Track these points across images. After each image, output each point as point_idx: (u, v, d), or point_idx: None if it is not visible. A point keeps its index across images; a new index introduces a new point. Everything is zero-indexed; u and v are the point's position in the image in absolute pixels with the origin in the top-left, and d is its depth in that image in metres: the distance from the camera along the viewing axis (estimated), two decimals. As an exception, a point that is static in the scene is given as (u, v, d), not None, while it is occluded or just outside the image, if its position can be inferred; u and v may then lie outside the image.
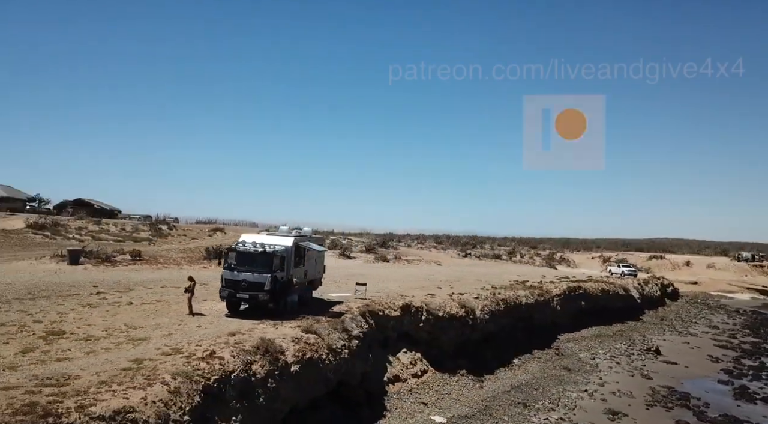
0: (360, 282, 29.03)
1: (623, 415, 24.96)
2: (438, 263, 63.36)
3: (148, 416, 10.79)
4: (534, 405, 25.17)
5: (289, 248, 22.42)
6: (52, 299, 21.88)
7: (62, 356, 14.23)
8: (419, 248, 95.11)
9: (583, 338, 42.10)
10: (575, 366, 33.49)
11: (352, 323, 21.90)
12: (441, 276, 44.87)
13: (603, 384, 30.20)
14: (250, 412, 14.78)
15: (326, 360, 18.29)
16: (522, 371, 30.89)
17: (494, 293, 34.66)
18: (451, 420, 21.51)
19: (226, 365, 14.50)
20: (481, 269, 60.66)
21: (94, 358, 14.20)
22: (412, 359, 26.35)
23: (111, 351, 15.01)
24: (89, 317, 18.96)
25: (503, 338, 33.93)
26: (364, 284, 28.67)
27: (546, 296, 41.35)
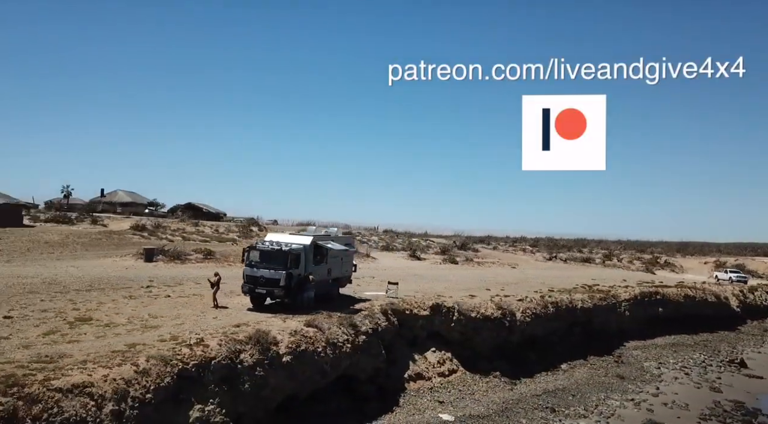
0: (392, 281, 29.52)
1: (663, 427, 23.45)
2: (513, 266, 62.01)
3: (105, 391, 12.17)
4: (564, 410, 24.33)
5: (307, 247, 23.48)
6: (105, 291, 24.54)
7: (75, 339, 16.15)
8: (505, 251, 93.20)
9: (655, 346, 39.57)
10: (632, 374, 31.72)
11: (365, 320, 22.49)
12: (502, 279, 44.04)
13: (657, 394, 28.41)
14: (233, 397, 15.90)
15: (322, 353, 19.05)
16: (566, 376, 29.79)
17: (542, 296, 33.60)
18: (460, 419, 21.42)
19: (209, 352, 15.72)
20: (558, 272, 58.51)
21: (100, 341, 16.00)
22: (440, 358, 26.41)
23: (119, 336, 16.78)
24: (122, 307, 21.15)
25: (552, 341, 32.88)
26: (396, 283, 29.10)
27: (611, 301, 39.33)
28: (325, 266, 24.88)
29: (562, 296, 35.01)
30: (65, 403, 11.37)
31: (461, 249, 77.69)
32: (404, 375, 24.24)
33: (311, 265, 23.71)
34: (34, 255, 38.75)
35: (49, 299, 21.84)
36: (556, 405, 24.84)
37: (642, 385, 29.97)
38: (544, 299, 33.13)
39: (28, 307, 20.01)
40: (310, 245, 23.67)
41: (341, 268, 26.44)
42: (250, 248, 24.07)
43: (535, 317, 30.98)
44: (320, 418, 19.51)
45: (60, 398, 11.39)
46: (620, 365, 33.67)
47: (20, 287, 23.95)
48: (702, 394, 29.66)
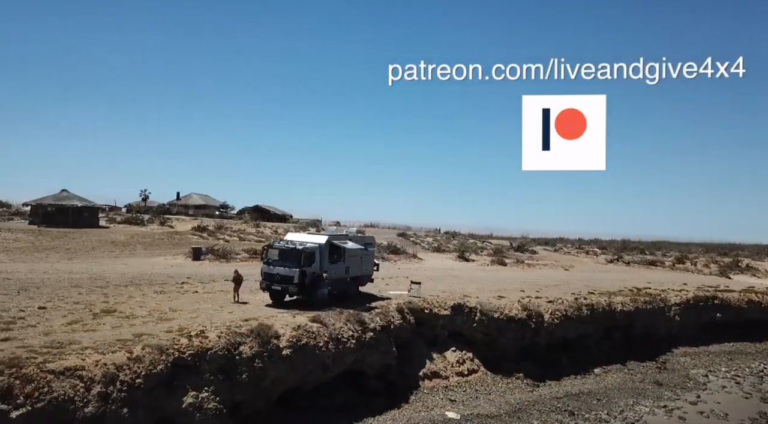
0: (415, 281, 29.77)
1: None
2: (566, 268, 60.37)
3: (95, 374, 13.31)
4: (584, 414, 23.77)
5: (322, 246, 24.22)
6: (141, 286, 26.32)
7: (92, 328, 17.60)
8: (567, 253, 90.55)
9: (707, 353, 37.54)
10: (673, 381, 30.38)
11: (375, 317, 22.93)
12: (545, 280, 43.10)
13: (696, 403, 27.12)
14: (230, 386, 16.82)
15: (324, 348, 19.66)
16: (597, 380, 28.98)
17: (576, 298, 32.72)
18: (466, 417, 21.42)
19: (207, 343, 16.71)
20: (615, 274, 56.37)
21: (114, 331, 17.35)
22: (460, 357, 26.42)
23: (133, 327, 18.10)
24: (148, 301, 22.67)
25: (587, 344, 32.01)
26: (419, 283, 29.33)
27: (658, 304, 37.66)
28: (343, 264, 25.53)
29: (600, 299, 33.93)
30: (55, 384, 12.57)
31: (517, 251, 76.31)
32: (419, 373, 24.48)
33: (327, 263, 24.43)
34: (96, 253, 41.88)
35: (87, 292, 23.74)
36: (576, 408, 24.28)
37: (681, 392, 28.65)
38: (578, 301, 32.25)
39: (65, 299, 21.87)
40: (325, 244, 24.40)
41: (360, 267, 26.99)
42: (267, 247, 25.12)
43: (565, 319, 30.27)
44: (325, 411, 20.13)
45: (52, 379, 12.61)
46: (662, 371, 32.27)
47: (67, 282, 26.13)
48: (748, 404, 28.02)
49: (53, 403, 12.29)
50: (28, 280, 26.23)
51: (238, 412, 17.30)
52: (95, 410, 12.87)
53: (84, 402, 12.79)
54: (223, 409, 16.12)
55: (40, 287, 24.53)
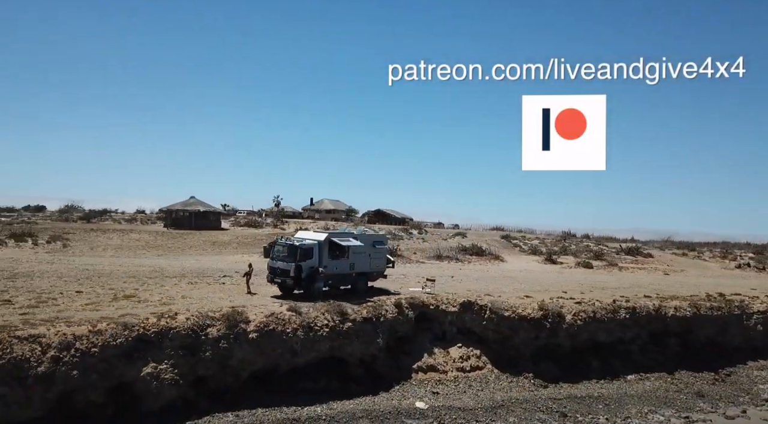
0: (430, 278, 30.39)
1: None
2: (666, 273, 55.82)
3: (52, 341, 16.48)
4: (578, 417, 22.97)
5: (321, 243, 26.05)
6: (182, 278, 30.10)
7: (98, 309, 21.10)
8: (696, 257, 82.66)
9: (797, 368, 33.10)
10: (722, 394, 27.72)
11: (363, 310, 24.23)
12: (616, 284, 40.80)
13: (735, 417, 24.80)
14: (194, 362, 19.36)
15: (292, 335, 21.45)
16: (623, 386, 27.39)
17: (614, 300, 30.92)
18: (435, 408, 21.89)
19: (172, 323, 19.39)
20: (725, 280, 51.14)
21: (112, 311, 20.73)
22: (464, 354, 26.68)
23: (134, 309, 21.37)
24: (170, 290, 26.10)
25: (628, 350, 30.18)
26: (433, 280, 29.94)
27: (733, 312, 34.05)
28: (347, 261, 27.12)
29: (647, 302, 31.68)
30: (17, 346, 15.88)
31: (628, 254, 71.73)
32: (414, 366, 25.25)
33: (327, 259, 26.23)
34: (189, 251, 47.69)
35: (132, 282, 27.89)
36: (572, 411, 23.47)
37: (724, 405, 26.14)
38: (615, 303, 30.50)
39: (107, 286, 26.10)
40: (324, 241, 26.22)
41: (369, 263, 28.32)
42: (272, 244, 27.52)
43: (592, 321, 28.90)
44: (304, 393, 21.86)
45: (15, 342, 15.95)
46: (717, 383, 29.40)
47: (127, 273, 30.76)
48: (806, 424, 24.78)
49: (11, 361, 15.57)
50: (102, 270, 31.30)
51: (205, 385, 19.73)
52: (46, 369, 16.01)
53: (38, 363, 15.96)
54: (180, 380, 18.61)
55: (102, 276, 29.28)
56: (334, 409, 20.83)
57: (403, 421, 20.69)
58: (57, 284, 25.96)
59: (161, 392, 18.20)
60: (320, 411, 20.49)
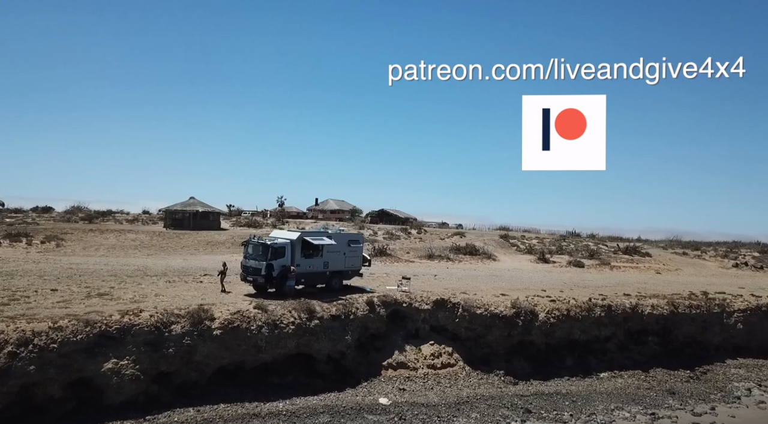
0: (406, 276, 30.71)
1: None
2: (659, 272, 55.74)
3: (10, 337, 17.02)
4: (541, 413, 23.21)
5: (293, 242, 26.47)
6: (162, 277, 30.60)
7: (67, 306, 21.59)
8: (697, 257, 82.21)
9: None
10: (694, 391, 27.83)
11: (332, 307, 24.61)
12: (601, 283, 40.89)
13: (702, 414, 24.90)
14: (156, 358, 19.83)
15: (256, 332, 21.86)
16: (595, 383, 27.58)
17: (590, 299, 31.06)
18: (398, 404, 22.21)
19: (135, 320, 19.87)
20: (717, 279, 51.05)
21: (81, 308, 21.23)
22: (436, 351, 26.97)
23: (104, 306, 21.86)
24: (146, 288, 26.59)
25: (606, 348, 30.37)
26: (409, 278, 30.27)
27: (712, 310, 34.09)
28: (320, 259, 27.52)
29: (623, 301, 31.80)
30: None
31: (625, 253, 71.60)
32: (384, 362, 25.58)
33: (300, 258, 26.63)
34: (182, 251, 48.30)
35: (111, 280, 28.45)
36: (537, 407, 23.71)
37: (694, 403, 26.25)
38: (591, 301, 30.65)
39: (81, 284, 26.65)
40: (296, 241, 26.63)
41: (344, 262, 28.68)
42: (245, 243, 27.99)
43: (566, 320, 29.08)
44: (271, 388, 22.32)
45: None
46: (692, 381, 29.51)
47: (110, 272, 31.35)
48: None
49: (-31, 356, 16.13)
50: (86, 270, 31.91)
51: (168, 380, 20.20)
52: (2, 365, 16.56)
53: (-5, 358, 16.52)
54: (142, 376, 19.09)
55: (84, 275, 29.87)
56: (296, 404, 21.21)
57: (364, 417, 21.02)
58: (35, 282, 26.55)
59: (122, 387, 18.68)
60: (282, 406, 20.88)
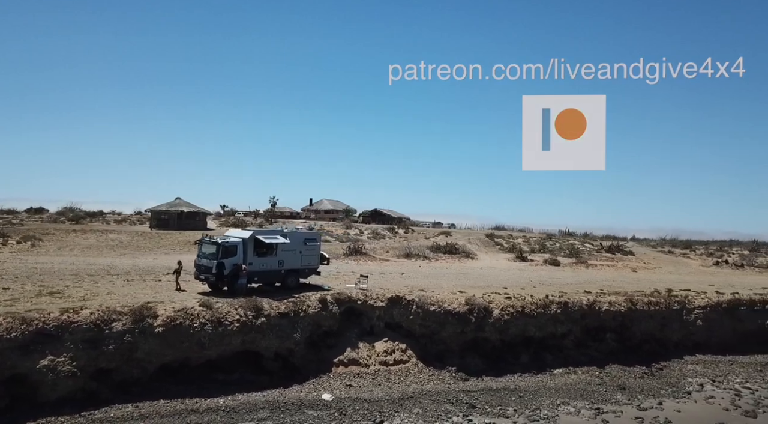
0: (363, 274, 31.01)
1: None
2: (635, 270, 56.12)
3: (-59, 333, 17.38)
4: (486, 408, 23.47)
5: (245, 241, 26.79)
6: (125, 275, 30.94)
7: (15, 304, 21.90)
8: (682, 255, 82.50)
9: (735, 363, 33.37)
10: (645, 387, 28.10)
11: (281, 305, 24.92)
12: (570, 281, 41.23)
13: (647, 409, 25.20)
14: (96, 354, 20.14)
15: (199, 329, 22.17)
16: (545, 379, 27.84)
17: (546, 296, 31.36)
18: (340, 400, 22.52)
19: (74, 318, 20.19)
20: (689, 277, 51.44)
21: (24, 305, 21.54)
22: (389, 348, 27.27)
23: (50, 304, 22.19)
24: (100, 287, 26.86)
25: (563, 344, 30.68)
26: (366, 276, 30.57)
27: (672, 307, 34.41)
28: (275, 258, 27.83)
29: (580, 298, 32.11)
30: None
31: (608, 252, 71.97)
32: (335, 359, 25.89)
33: (252, 256, 26.95)
34: (159, 250, 48.61)
35: (68, 279, 28.72)
36: (483, 403, 23.99)
37: (643, 398, 26.57)
38: (547, 298, 30.95)
39: (36, 283, 26.94)
40: (248, 239, 26.94)
41: (299, 260, 28.99)
42: (198, 242, 28.29)
43: (520, 316, 29.37)
44: (216, 384, 22.61)
45: None
46: (647, 377, 29.81)
47: (73, 271, 31.62)
48: (717, 416, 25.14)
49: None
50: (49, 269, 32.20)
51: (109, 377, 20.51)
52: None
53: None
54: (79, 372, 19.40)
55: (45, 274, 30.17)
56: (237, 400, 21.51)
57: (304, 412, 21.32)
58: (-10, 281, 26.87)
59: (57, 384, 18.98)
60: (222, 402, 21.18)
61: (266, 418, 20.53)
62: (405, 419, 21.71)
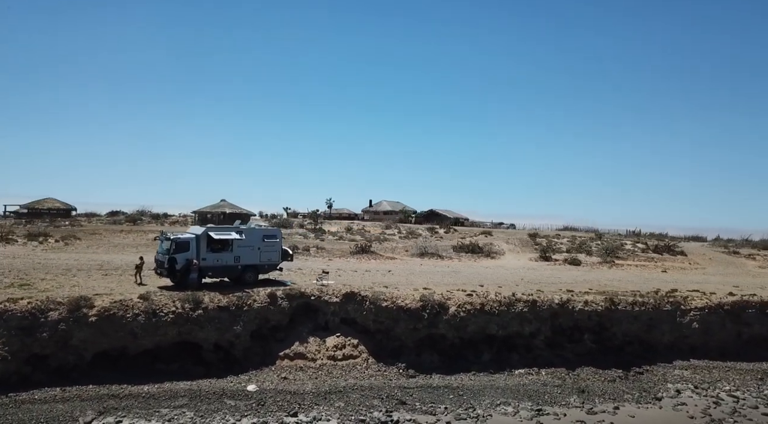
0: (325, 270, 31.29)
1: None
2: (664, 270, 52.86)
3: None
4: (416, 405, 23.14)
5: (198, 237, 27.82)
6: (106, 271, 32.95)
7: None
8: (733, 253, 76.60)
9: (731, 369, 30.88)
10: (609, 391, 26.66)
11: (224, 299, 25.73)
12: (569, 280, 39.61)
13: (597, 413, 24.05)
14: (30, 341, 21.74)
15: (132, 319, 23.32)
16: (499, 379, 27.00)
17: (513, 294, 30.31)
18: (264, 391, 22.93)
19: (9, 306, 21.89)
20: (718, 277, 47.88)
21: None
22: (340, 343, 27.43)
23: (13, 294, 24.16)
24: (72, 280, 28.83)
25: (532, 344, 29.61)
26: (327, 272, 30.86)
27: (663, 308, 32.29)
28: (231, 253, 28.70)
29: (552, 296, 30.79)
30: None
31: (655, 251, 68.31)
32: (281, 353, 26.37)
33: (206, 252, 27.97)
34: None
35: (51, 272, 30.98)
36: (414, 400, 23.65)
37: (600, 402, 25.18)
38: (513, 296, 29.94)
39: (18, 276, 29.26)
40: (201, 236, 27.96)
41: (258, 256, 29.69)
42: (156, 238, 29.63)
43: (480, 314, 28.61)
44: (155, 372, 23.75)
45: None
46: (619, 381, 28.21)
47: (64, 266, 33.97)
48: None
49: None
50: (49, 264, 34.80)
51: (44, 363, 22.06)
52: None
53: None
54: (9, 357, 21.02)
55: (38, 269, 32.67)
56: (162, 388, 22.46)
57: (223, 401, 21.92)
58: (-23, 274, 29.48)
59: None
60: (146, 389, 22.20)
61: (183, 405, 21.30)
62: (323, 412, 21.83)
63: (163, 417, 20.10)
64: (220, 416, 20.60)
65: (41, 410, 19.95)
